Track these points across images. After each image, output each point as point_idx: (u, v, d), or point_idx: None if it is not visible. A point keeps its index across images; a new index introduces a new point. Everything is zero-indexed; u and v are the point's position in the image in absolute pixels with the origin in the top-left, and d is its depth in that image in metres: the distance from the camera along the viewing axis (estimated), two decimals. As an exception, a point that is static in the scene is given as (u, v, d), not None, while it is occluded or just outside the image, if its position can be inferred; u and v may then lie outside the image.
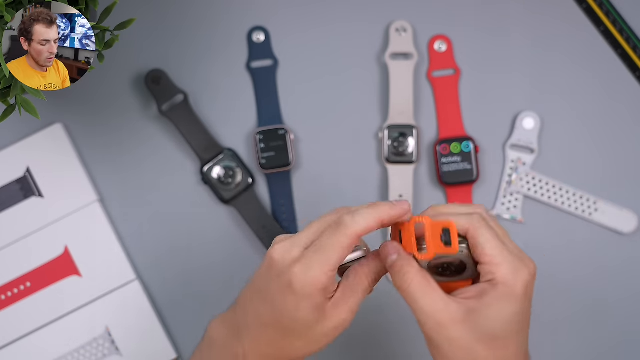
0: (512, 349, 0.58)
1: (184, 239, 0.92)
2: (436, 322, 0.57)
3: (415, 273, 0.57)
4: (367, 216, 0.57)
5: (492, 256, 0.57)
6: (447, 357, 0.57)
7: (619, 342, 0.91)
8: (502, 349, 0.57)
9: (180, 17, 0.93)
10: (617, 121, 0.93)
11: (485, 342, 0.56)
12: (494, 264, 0.56)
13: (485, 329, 0.56)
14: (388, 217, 0.58)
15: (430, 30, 0.93)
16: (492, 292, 0.56)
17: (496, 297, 0.56)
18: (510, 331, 0.57)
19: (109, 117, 0.92)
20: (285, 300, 0.58)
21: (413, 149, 0.91)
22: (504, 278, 0.56)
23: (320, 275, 0.57)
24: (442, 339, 0.57)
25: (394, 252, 0.58)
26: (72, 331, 0.89)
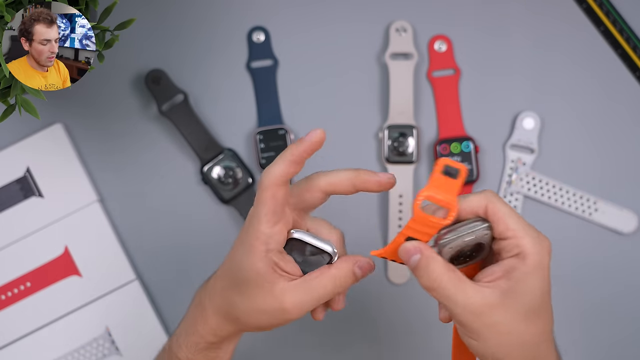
0: (548, 323, 0.58)
1: (184, 239, 0.92)
2: (473, 313, 0.55)
3: (442, 268, 0.56)
4: (276, 163, 0.59)
5: (516, 229, 0.56)
6: (487, 341, 0.56)
7: (619, 341, 0.91)
8: (541, 322, 0.57)
9: (180, 17, 0.93)
10: (617, 121, 0.93)
11: (526, 318, 0.56)
12: (519, 236, 0.56)
13: (524, 306, 0.55)
14: (295, 152, 0.59)
15: (430, 30, 0.93)
16: (522, 267, 0.55)
17: (527, 271, 0.55)
18: (544, 302, 0.57)
19: (109, 118, 0.92)
20: (236, 246, 0.62)
21: (413, 149, 0.91)
22: (532, 250, 0.55)
23: (255, 230, 0.59)
24: (482, 326, 0.56)
25: (415, 252, 0.57)
26: (72, 331, 0.89)
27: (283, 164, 0.59)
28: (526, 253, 0.55)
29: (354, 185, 0.60)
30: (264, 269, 0.59)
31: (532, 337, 0.57)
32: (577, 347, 0.91)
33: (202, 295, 0.65)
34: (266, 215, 0.59)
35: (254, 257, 0.59)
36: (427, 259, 0.56)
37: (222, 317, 0.63)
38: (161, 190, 0.92)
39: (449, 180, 0.55)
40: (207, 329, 0.64)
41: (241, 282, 0.60)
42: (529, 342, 0.57)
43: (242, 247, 0.60)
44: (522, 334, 0.56)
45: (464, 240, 0.57)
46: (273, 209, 0.59)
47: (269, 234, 0.59)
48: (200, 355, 0.65)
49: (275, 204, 0.59)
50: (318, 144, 0.59)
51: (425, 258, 0.56)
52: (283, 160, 0.59)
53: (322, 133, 0.59)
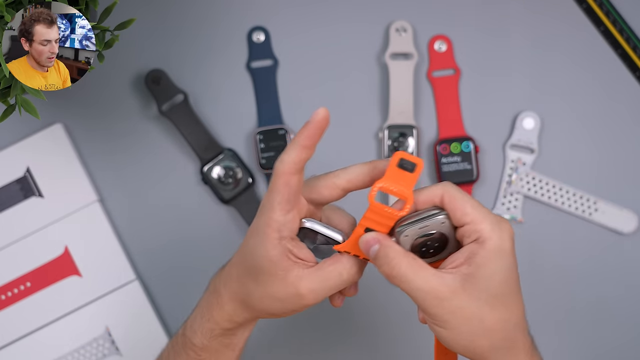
0: (515, 311, 0.57)
1: (184, 239, 0.92)
2: (435, 297, 0.56)
3: (400, 256, 0.57)
4: (289, 151, 0.58)
5: (473, 214, 0.56)
6: (453, 329, 0.56)
7: (620, 341, 0.91)
8: (506, 309, 0.56)
9: (181, 17, 0.93)
10: (617, 121, 0.93)
11: (488, 303, 0.56)
12: (478, 221, 0.56)
13: (486, 290, 0.55)
14: (306, 138, 0.58)
15: (430, 30, 0.93)
16: (482, 251, 0.55)
17: (487, 256, 0.55)
18: (509, 288, 0.56)
19: (109, 118, 0.92)
20: (250, 234, 0.61)
21: (413, 149, 0.91)
22: (491, 233, 0.55)
23: (267, 218, 0.59)
24: (445, 312, 0.56)
25: (374, 243, 0.58)
26: (72, 331, 0.89)
27: (294, 151, 0.58)
28: (485, 237, 0.55)
29: (372, 178, 0.59)
30: (277, 256, 0.59)
31: (496, 323, 0.56)
32: (577, 347, 0.91)
33: (217, 282, 0.65)
34: (280, 203, 0.59)
35: (268, 244, 0.59)
36: (385, 248, 0.57)
37: (238, 303, 0.63)
38: (161, 190, 0.92)
39: (405, 174, 0.56)
40: (223, 315, 0.64)
41: (255, 270, 0.60)
42: (494, 328, 0.56)
43: (255, 234, 0.60)
44: (485, 320, 0.56)
45: (420, 229, 0.58)
46: (287, 197, 0.59)
47: (282, 222, 0.59)
48: (215, 341, 0.65)
49: (288, 192, 0.59)
50: (324, 122, 0.59)
51: (384, 247, 0.57)
52: (294, 147, 0.58)
53: (325, 111, 0.59)
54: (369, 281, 0.92)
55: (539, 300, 0.92)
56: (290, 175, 0.58)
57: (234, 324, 0.64)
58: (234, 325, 0.64)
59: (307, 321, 0.91)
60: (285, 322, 0.91)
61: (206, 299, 0.66)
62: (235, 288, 0.63)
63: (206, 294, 0.66)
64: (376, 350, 0.91)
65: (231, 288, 0.63)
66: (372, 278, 0.70)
